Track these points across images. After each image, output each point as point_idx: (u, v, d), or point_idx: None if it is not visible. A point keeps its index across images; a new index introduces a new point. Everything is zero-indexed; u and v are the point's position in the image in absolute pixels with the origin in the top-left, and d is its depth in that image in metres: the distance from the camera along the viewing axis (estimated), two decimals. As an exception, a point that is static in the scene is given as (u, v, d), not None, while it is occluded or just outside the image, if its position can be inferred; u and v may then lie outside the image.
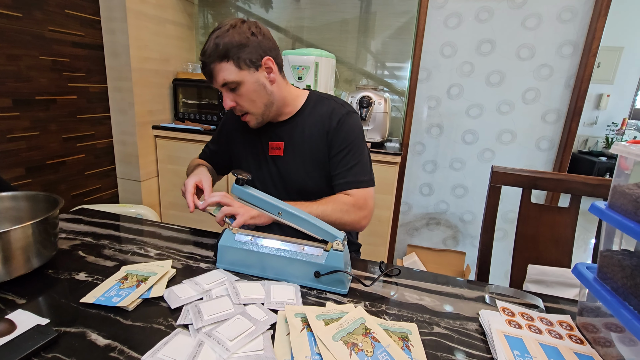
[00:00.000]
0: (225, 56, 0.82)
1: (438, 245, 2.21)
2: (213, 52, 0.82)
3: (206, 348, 0.50)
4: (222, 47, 0.81)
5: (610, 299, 0.52)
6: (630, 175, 0.56)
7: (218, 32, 0.82)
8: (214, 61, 0.83)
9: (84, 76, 1.75)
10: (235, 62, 0.83)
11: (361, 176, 0.91)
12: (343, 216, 0.87)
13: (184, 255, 0.79)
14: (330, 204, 0.87)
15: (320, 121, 0.93)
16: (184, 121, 2.09)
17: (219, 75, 0.84)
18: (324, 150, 0.93)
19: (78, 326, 0.55)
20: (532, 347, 0.54)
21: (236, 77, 0.84)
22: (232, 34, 0.82)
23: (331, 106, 0.95)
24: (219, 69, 0.83)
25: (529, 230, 0.99)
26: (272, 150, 0.96)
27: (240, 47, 0.82)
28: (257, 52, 0.85)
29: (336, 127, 0.92)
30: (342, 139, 0.92)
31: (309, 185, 0.95)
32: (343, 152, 0.92)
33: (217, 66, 0.83)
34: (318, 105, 0.96)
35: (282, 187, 0.97)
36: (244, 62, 0.83)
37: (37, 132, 1.57)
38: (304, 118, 0.95)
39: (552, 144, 1.92)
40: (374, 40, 2.05)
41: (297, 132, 0.95)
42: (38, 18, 1.51)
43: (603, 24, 1.67)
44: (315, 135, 0.93)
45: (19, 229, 0.62)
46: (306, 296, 0.67)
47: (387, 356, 0.51)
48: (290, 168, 0.95)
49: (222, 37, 0.81)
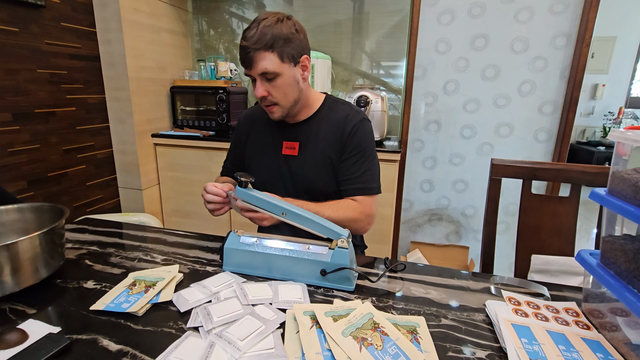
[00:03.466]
0: (271, 46, 0.83)
1: (441, 240, 2.21)
2: (259, 40, 0.82)
3: (217, 349, 0.51)
4: (270, 37, 0.82)
5: (615, 283, 0.53)
6: (629, 160, 0.57)
7: (266, 22, 0.83)
8: (259, 49, 0.83)
9: (81, 87, 1.76)
10: (279, 53, 0.84)
11: (370, 183, 0.94)
12: (350, 222, 0.89)
13: (190, 260, 0.80)
14: (339, 209, 0.89)
15: (335, 125, 0.95)
16: (183, 128, 2.10)
17: (259, 63, 0.84)
18: (336, 153, 0.95)
19: (89, 333, 0.55)
20: (539, 335, 0.55)
21: (277, 69, 0.84)
22: (280, 26, 0.83)
23: (346, 111, 0.97)
24: (261, 57, 0.83)
25: (531, 221, 1.00)
26: (286, 149, 0.98)
27: (286, 40, 0.84)
28: (299, 49, 0.87)
29: (350, 132, 0.93)
30: (355, 145, 0.94)
31: (318, 186, 0.96)
32: (354, 158, 0.94)
33: (261, 54, 0.83)
34: (333, 109, 0.98)
35: (292, 185, 0.99)
36: (286, 56, 0.85)
37: (38, 145, 1.58)
38: (319, 120, 0.97)
39: (550, 135, 1.93)
40: (368, 40, 2.06)
41: (312, 133, 0.96)
42: (34, 32, 1.52)
43: (595, 14, 1.68)
44: (329, 139, 0.95)
45: (27, 240, 0.63)
46: (313, 294, 0.67)
47: (396, 349, 0.51)
48: (302, 168, 0.96)
49: (271, 27, 0.82)
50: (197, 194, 2.05)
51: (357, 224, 0.91)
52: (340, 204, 0.91)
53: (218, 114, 2.03)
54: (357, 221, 0.91)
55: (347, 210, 0.90)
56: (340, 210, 0.88)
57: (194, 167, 2.00)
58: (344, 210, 0.89)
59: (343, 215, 0.88)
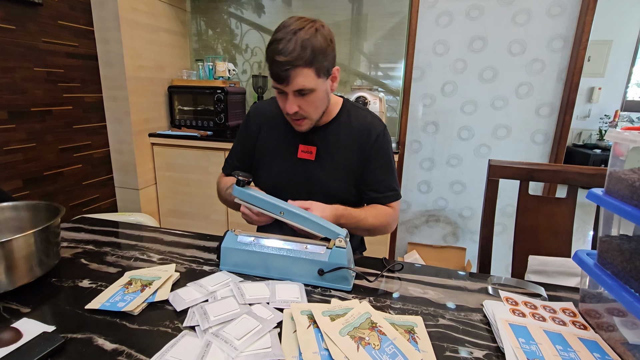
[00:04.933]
0: (311, 62, 0.76)
1: (438, 242, 2.21)
2: (300, 56, 0.74)
3: (214, 348, 0.50)
4: (311, 51, 0.74)
5: (611, 283, 0.53)
6: (626, 161, 0.57)
7: (304, 33, 0.74)
8: (299, 65, 0.75)
9: (78, 86, 1.75)
10: (316, 69, 0.78)
11: (398, 189, 0.98)
12: (385, 227, 0.94)
13: (186, 259, 0.80)
14: (378, 214, 0.93)
15: (357, 133, 0.93)
16: (181, 128, 2.09)
17: (296, 80, 0.77)
18: (357, 161, 0.94)
19: (84, 332, 0.55)
20: (536, 335, 0.55)
21: (313, 85, 0.79)
22: (320, 37, 0.76)
23: (368, 119, 0.95)
24: (299, 74, 0.76)
25: (528, 222, 1.00)
26: (303, 153, 0.94)
27: (324, 54, 0.77)
28: (333, 61, 0.82)
29: (375, 142, 0.93)
30: (382, 155, 0.94)
31: (334, 191, 0.94)
32: (382, 168, 0.94)
33: (300, 71, 0.76)
34: (353, 115, 0.95)
35: (306, 190, 0.95)
36: (322, 71, 0.79)
37: (34, 144, 1.57)
38: (339, 126, 0.94)
39: (546, 137, 1.94)
40: (367, 41, 2.07)
41: (331, 139, 0.94)
42: (31, 30, 1.51)
43: (592, 17, 1.69)
44: (350, 145, 0.93)
45: (21, 238, 0.62)
46: (311, 294, 0.67)
47: (394, 349, 0.51)
48: (319, 173, 0.94)
49: (311, 40, 0.74)
50: (194, 194, 2.05)
51: (390, 227, 0.97)
52: (378, 210, 0.94)
53: (216, 114, 2.03)
54: (391, 225, 0.96)
55: (385, 216, 0.93)
56: (380, 217, 0.92)
57: (192, 167, 1.99)
58: (383, 216, 0.93)
59: (381, 221, 0.92)
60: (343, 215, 0.86)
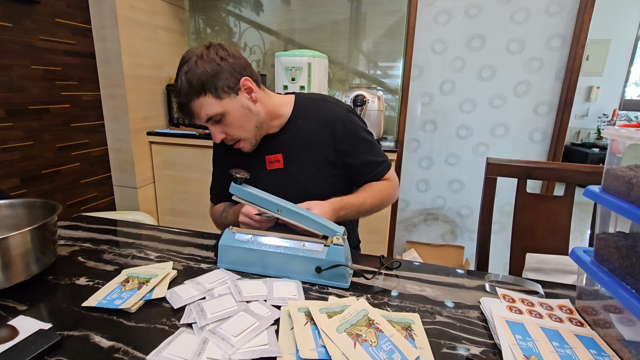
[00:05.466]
0: (202, 90, 0.77)
1: (436, 240, 2.22)
2: (188, 90, 0.77)
3: (211, 345, 0.50)
4: (196, 81, 0.77)
5: (608, 280, 0.53)
6: (622, 158, 0.57)
7: (186, 68, 0.77)
8: (192, 99, 0.78)
9: (76, 84, 1.74)
10: (213, 93, 0.78)
11: (385, 158, 0.97)
12: (389, 199, 0.96)
13: (184, 257, 0.79)
14: (376, 193, 0.92)
15: (321, 125, 0.91)
16: (179, 126, 2.08)
17: (200, 112, 0.80)
18: (329, 152, 0.92)
19: (81, 329, 0.55)
20: (533, 331, 0.55)
21: (219, 109, 0.80)
22: (201, 65, 0.77)
23: (328, 108, 0.93)
24: (199, 106, 0.79)
25: (525, 220, 1.00)
26: (271, 164, 0.93)
27: (214, 76, 0.78)
28: (233, 76, 0.80)
29: (343, 130, 0.91)
30: (358, 140, 0.92)
31: (313, 190, 0.92)
32: (361, 150, 0.93)
33: (196, 103, 0.79)
34: (310, 108, 0.93)
35: (286, 197, 0.92)
36: (222, 91, 0.79)
37: (31, 142, 1.56)
38: (297, 124, 0.92)
39: (545, 135, 1.94)
40: (366, 40, 2.07)
41: (294, 140, 0.92)
42: (28, 27, 1.50)
43: (590, 15, 1.69)
44: (316, 140, 0.91)
45: (18, 236, 0.62)
46: (308, 292, 0.67)
47: (391, 345, 0.51)
48: (292, 178, 0.93)
49: (193, 71, 0.77)
50: (192, 192, 2.04)
51: (393, 197, 0.98)
52: (375, 188, 0.93)
53: (214, 113, 2.02)
54: (393, 195, 0.97)
55: (383, 190, 0.94)
56: (379, 193, 0.92)
57: (190, 166, 1.99)
58: (382, 191, 0.93)
59: (382, 197, 0.93)
60: (342, 207, 0.85)
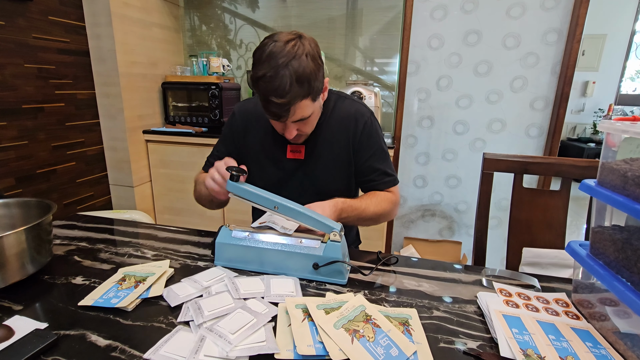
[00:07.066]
0: (309, 93, 0.72)
1: (434, 236, 2.22)
2: (297, 93, 0.69)
3: (208, 342, 0.50)
4: (307, 82, 0.70)
5: (604, 273, 0.53)
6: (618, 152, 0.57)
7: (296, 64, 0.68)
8: (297, 100, 0.71)
9: (71, 83, 1.73)
10: (312, 95, 0.74)
11: (395, 174, 0.96)
12: (388, 213, 0.92)
13: (181, 255, 0.79)
14: (380, 202, 0.91)
15: (345, 123, 0.91)
16: (175, 124, 2.07)
17: (296, 113, 0.73)
18: (348, 151, 0.92)
19: (77, 328, 0.54)
20: (529, 325, 0.55)
21: (311, 110, 0.76)
22: (310, 62, 0.70)
23: (353, 107, 0.92)
24: (298, 108, 0.73)
25: (522, 215, 1.01)
26: (292, 153, 0.92)
27: (316, 77, 0.72)
28: (323, 77, 0.77)
29: (363, 130, 0.90)
30: (373, 143, 0.92)
31: (329, 187, 0.93)
32: (376, 156, 0.93)
33: (298, 105, 0.72)
34: (339, 105, 0.93)
35: (298, 189, 0.94)
36: (317, 94, 0.76)
37: (26, 141, 1.55)
38: (326, 120, 0.91)
39: (541, 130, 1.94)
40: (362, 36, 2.06)
41: (320, 134, 0.91)
42: (21, 25, 1.49)
43: (585, 10, 1.70)
44: (338, 138, 0.91)
45: (12, 235, 0.61)
46: (306, 288, 0.67)
47: (388, 341, 0.51)
48: (311, 171, 0.93)
49: (305, 68, 0.69)
50: (189, 190, 2.02)
51: (392, 213, 0.95)
52: (379, 197, 0.92)
53: (210, 110, 2.01)
54: (393, 211, 0.95)
55: (386, 202, 0.92)
56: (382, 203, 0.90)
57: (187, 164, 1.98)
58: (385, 203, 0.91)
59: (383, 208, 0.90)
60: (344, 209, 0.84)
